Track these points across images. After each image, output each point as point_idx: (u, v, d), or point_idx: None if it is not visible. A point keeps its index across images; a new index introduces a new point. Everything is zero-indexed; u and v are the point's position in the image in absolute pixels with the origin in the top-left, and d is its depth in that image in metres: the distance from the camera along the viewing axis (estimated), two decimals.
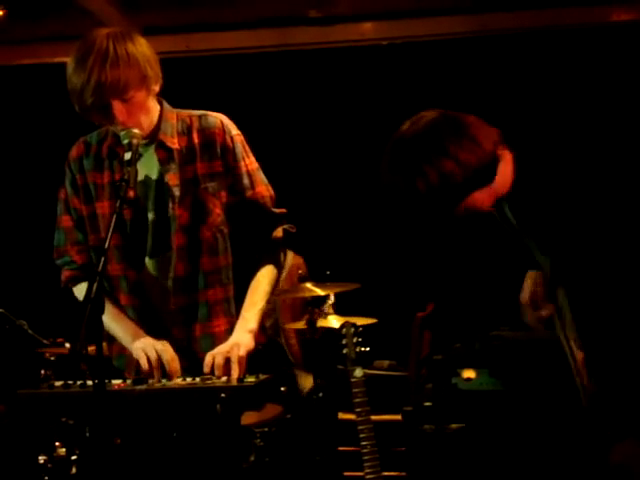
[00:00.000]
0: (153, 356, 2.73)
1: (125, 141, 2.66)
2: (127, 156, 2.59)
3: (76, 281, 2.98)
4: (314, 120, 5.65)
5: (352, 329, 3.67)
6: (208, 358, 2.74)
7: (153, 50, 2.78)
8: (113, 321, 2.87)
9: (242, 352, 2.73)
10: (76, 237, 2.95)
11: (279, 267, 3.03)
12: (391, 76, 5.61)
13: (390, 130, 6.04)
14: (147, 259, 2.89)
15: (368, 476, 3.52)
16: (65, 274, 2.99)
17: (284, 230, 3.03)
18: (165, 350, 2.75)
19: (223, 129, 2.90)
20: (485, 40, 5.39)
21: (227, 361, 2.72)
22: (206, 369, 2.72)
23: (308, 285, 4.13)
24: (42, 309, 4.89)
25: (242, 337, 2.80)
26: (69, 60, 2.70)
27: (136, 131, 2.69)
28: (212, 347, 2.80)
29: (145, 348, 2.75)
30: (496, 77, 5.13)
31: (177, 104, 2.96)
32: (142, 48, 2.74)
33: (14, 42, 5.78)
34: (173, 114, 2.91)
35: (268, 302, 2.95)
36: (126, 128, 2.70)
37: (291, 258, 4.80)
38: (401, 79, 5.59)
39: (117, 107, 2.69)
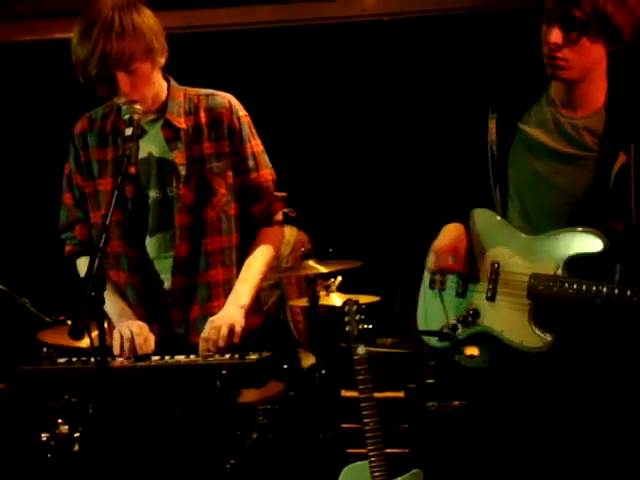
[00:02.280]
0: (126, 336, 2.71)
1: (126, 116, 2.63)
2: (128, 132, 2.58)
3: (77, 255, 3.00)
4: (315, 97, 5.62)
5: (355, 307, 3.67)
6: (203, 345, 2.71)
7: (159, 22, 2.76)
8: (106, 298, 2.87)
9: (237, 329, 2.71)
10: (76, 215, 2.95)
11: (276, 249, 3.01)
12: (393, 52, 5.57)
13: (391, 106, 6.01)
14: (147, 238, 2.87)
15: (371, 453, 3.53)
16: (67, 248, 3.02)
17: (284, 214, 3.03)
18: (139, 333, 2.72)
19: (231, 109, 2.88)
20: (488, 15, 5.34)
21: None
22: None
23: (311, 262, 4.13)
24: (44, 287, 4.88)
25: (234, 312, 2.77)
26: (74, 31, 2.68)
27: (137, 107, 2.66)
28: None
29: (121, 329, 2.74)
30: (500, 52, 5.10)
31: (178, 80, 2.94)
32: (148, 19, 2.72)
33: (13, 18, 5.73)
34: (180, 92, 2.88)
35: (262, 281, 2.92)
36: (129, 101, 2.67)
37: (295, 235, 4.79)
38: (403, 55, 5.55)
39: (121, 79, 2.67)
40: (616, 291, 2.42)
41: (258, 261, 2.91)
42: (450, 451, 3.92)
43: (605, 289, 2.43)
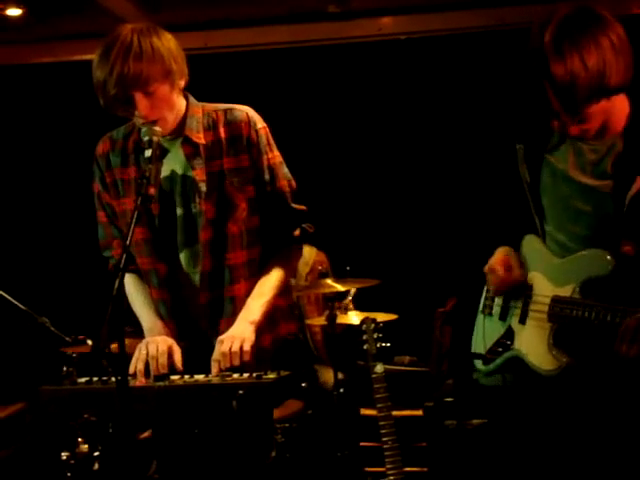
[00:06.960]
0: (141, 357, 2.71)
1: (145, 138, 2.66)
2: (147, 153, 2.60)
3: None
4: (333, 116, 5.64)
5: (372, 325, 3.67)
6: (214, 367, 2.70)
7: (179, 46, 2.79)
8: (140, 308, 2.89)
9: (246, 347, 2.71)
10: (112, 232, 2.99)
11: (292, 268, 3.01)
12: (409, 71, 5.59)
13: (408, 125, 5.98)
14: (180, 253, 2.90)
15: (389, 471, 3.52)
16: (109, 267, 3.05)
17: (302, 229, 3.02)
18: (154, 357, 2.70)
19: (249, 122, 2.90)
20: (503, 34, 5.36)
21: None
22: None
23: (328, 281, 4.13)
24: (64, 306, 4.91)
25: (244, 329, 2.76)
26: (95, 55, 2.72)
27: (157, 128, 2.68)
28: None
29: (141, 347, 2.75)
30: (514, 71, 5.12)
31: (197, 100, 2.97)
32: (168, 43, 2.74)
33: (33, 41, 5.80)
34: (199, 108, 2.90)
35: (275, 298, 2.91)
36: (148, 122, 2.70)
37: (314, 254, 4.81)
38: (419, 74, 5.57)
39: (140, 100, 2.69)
40: (617, 314, 2.40)
41: (272, 278, 2.91)
42: (469, 470, 3.91)
43: (609, 312, 2.41)
